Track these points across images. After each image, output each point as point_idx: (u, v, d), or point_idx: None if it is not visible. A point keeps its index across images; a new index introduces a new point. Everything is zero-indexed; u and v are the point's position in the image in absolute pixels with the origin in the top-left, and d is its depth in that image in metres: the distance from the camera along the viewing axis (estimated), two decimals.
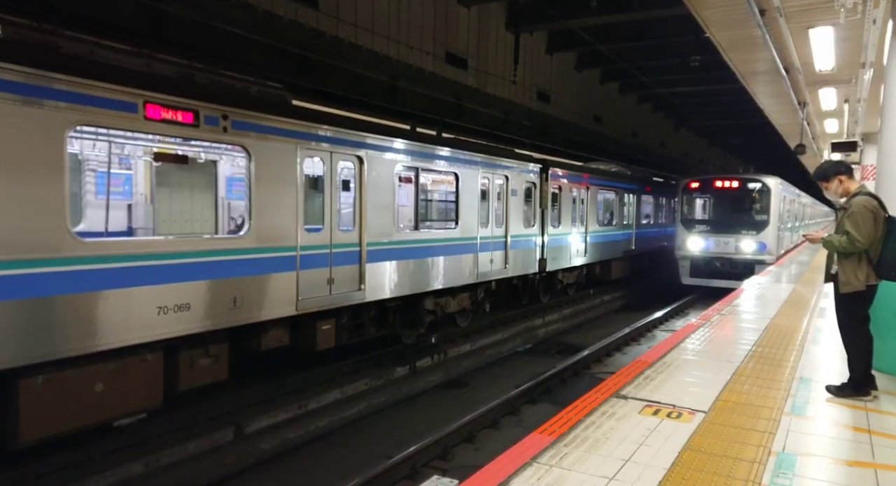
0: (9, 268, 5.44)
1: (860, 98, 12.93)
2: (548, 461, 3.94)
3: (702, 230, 19.40)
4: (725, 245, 18.90)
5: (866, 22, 8.14)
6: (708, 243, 19.21)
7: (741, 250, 18.74)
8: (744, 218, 19.15)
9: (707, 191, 19.95)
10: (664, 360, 6.53)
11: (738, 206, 19.50)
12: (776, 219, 18.75)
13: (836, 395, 5.43)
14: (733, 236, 18.88)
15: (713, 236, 19.14)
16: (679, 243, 19.78)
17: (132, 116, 6.39)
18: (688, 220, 19.93)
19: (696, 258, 19.38)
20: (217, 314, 7.22)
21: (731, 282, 17.53)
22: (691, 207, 20.39)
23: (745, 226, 18.92)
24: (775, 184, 19.00)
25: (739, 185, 19.33)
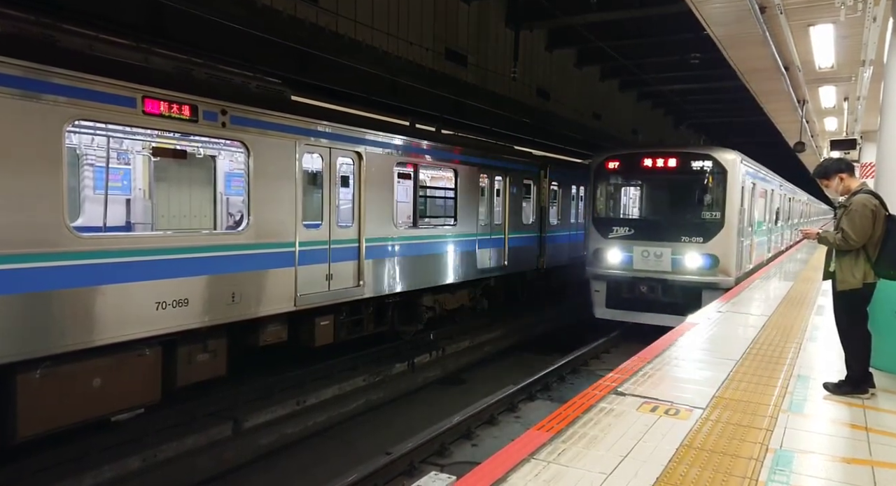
0: (5, 262, 5.42)
1: (860, 96, 12.93)
2: (545, 457, 3.94)
3: (623, 236, 12.55)
4: (657, 259, 12.02)
5: (866, 20, 8.13)
6: (631, 255, 12.38)
7: (681, 268, 11.94)
8: (685, 217, 12.37)
9: (631, 173, 13.36)
10: (662, 357, 6.53)
11: (678, 197, 12.97)
12: (735, 218, 11.96)
13: (834, 392, 5.43)
14: (669, 246, 11.96)
15: (639, 246, 12.22)
16: (590, 255, 12.97)
17: (130, 110, 6.38)
18: (602, 220, 13.04)
19: (615, 279, 12.59)
20: (215, 310, 7.21)
21: (665, 317, 11.68)
22: (608, 200, 13.59)
23: (688, 229, 12.00)
24: (734, 162, 12.02)
25: (678, 163, 12.28)
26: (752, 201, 13.93)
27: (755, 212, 14.69)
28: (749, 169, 13.38)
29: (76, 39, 6.25)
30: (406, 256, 10.48)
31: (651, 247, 12.15)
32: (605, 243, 12.69)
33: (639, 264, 12.29)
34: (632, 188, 14.17)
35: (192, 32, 10.68)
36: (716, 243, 11.88)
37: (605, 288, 12.83)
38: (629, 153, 13.23)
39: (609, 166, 13.12)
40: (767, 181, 16.85)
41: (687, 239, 11.98)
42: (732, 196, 11.94)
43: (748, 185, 13.26)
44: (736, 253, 12.09)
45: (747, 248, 13.78)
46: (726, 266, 11.88)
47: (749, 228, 13.84)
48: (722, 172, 11.96)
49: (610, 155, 13.27)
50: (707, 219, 12.18)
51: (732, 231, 11.96)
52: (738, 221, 12.17)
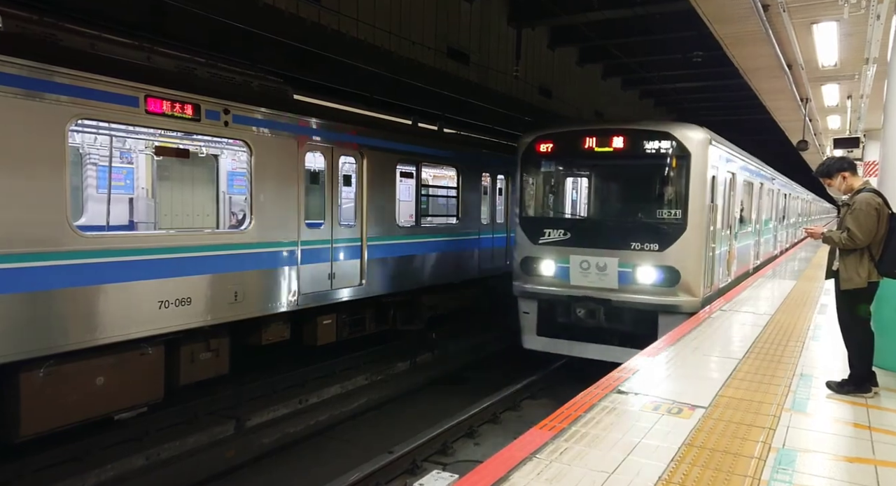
0: (8, 261, 5.44)
1: (863, 94, 12.88)
2: (548, 456, 3.94)
3: (557, 241, 9.62)
4: (600, 273, 9.17)
5: (870, 17, 8.10)
6: (568, 268, 9.42)
7: (631, 285, 9.08)
8: (636, 216, 9.72)
9: (568, 158, 10.38)
10: (665, 355, 6.52)
11: (627, 189, 10.60)
12: (701, 217, 8.99)
13: (837, 391, 5.42)
14: (615, 255, 9.13)
15: (577, 254, 9.34)
16: (517, 265, 10.04)
17: (133, 109, 6.39)
18: (531, 220, 10.13)
19: (549, 298, 9.69)
20: (218, 309, 7.23)
21: (611, 350, 9.17)
22: (539, 193, 10.61)
23: (640, 233, 9.14)
24: (700, 143, 9.00)
25: (627, 144, 9.23)
26: (730, 196, 11.01)
27: (736, 210, 11.71)
28: (725, 154, 10.27)
29: (78, 38, 6.26)
30: (408, 254, 10.48)
31: (592, 256, 9.11)
32: (534, 249, 9.62)
33: (577, 279, 9.21)
34: (570, 177, 11.25)
35: (194, 31, 10.69)
36: (676, 252, 8.78)
37: (535, 310, 9.73)
38: (565, 132, 9.88)
39: (540, 149, 9.83)
40: (754, 172, 13.95)
41: (638, 246, 8.93)
42: (698, 188, 8.84)
43: (724, 174, 10.22)
44: (703, 265, 9.04)
45: (722, 257, 10.76)
46: (689, 283, 8.79)
47: (726, 232, 10.86)
48: (684, 156, 8.84)
49: (541, 134, 9.90)
50: (664, 219, 9.05)
51: (698, 235, 8.87)
52: (708, 222, 9.11)
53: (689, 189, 8.88)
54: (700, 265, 9.03)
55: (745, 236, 13.10)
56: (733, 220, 11.49)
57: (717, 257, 10.23)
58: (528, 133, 10.16)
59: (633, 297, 9.03)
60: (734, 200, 11.48)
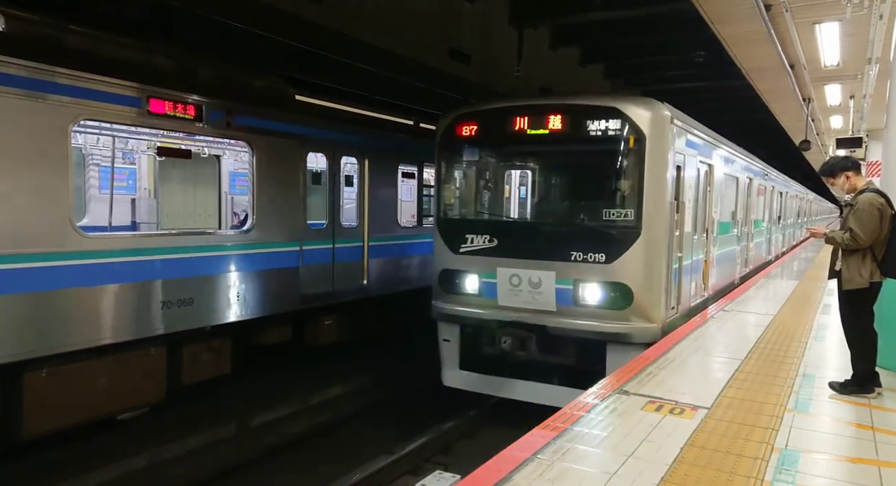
0: (11, 262, 5.45)
1: (865, 94, 12.88)
2: (550, 456, 3.93)
3: (481, 249, 7.74)
4: (534, 291, 7.40)
5: (873, 17, 8.10)
6: (495, 284, 7.59)
7: (571, 307, 7.31)
8: (578, 217, 8.01)
9: (495, 143, 8.35)
10: (666, 356, 6.51)
11: (566, 183, 8.97)
12: (661, 219, 7.22)
13: (840, 392, 5.41)
14: (551, 267, 7.34)
15: (506, 267, 7.53)
16: (435, 281, 8.17)
17: (136, 110, 6.40)
18: (451, 223, 8.23)
19: (472, 323, 7.85)
20: (220, 309, 7.23)
21: (548, 391, 7.36)
22: (460, 188, 8.62)
23: (581, 240, 7.36)
24: (658, 122, 7.21)
25: (566, 124, 7.41)
26: (706, 193, 9.35)
27: (714, 209, 9.81)
28: (697, 140, 8.38)
29: (80, 39, 6.28)
30: (410, 255, 10.47)
31: (523, 269, 7.27)
32: (455, 260, 7.69)
33: (506, 299, 7.38)
34: (497, 169, 8.84)
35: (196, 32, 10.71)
36: (627, 264, 7.00)
37: (457, 337, 7.85)
38: (490, 110, 7.93)
39: (461, 132, 7.85)
40: (741, 166, 12.16)
41: (580, 256, 7.10)
42: (656, 181, 7.01)
43: (695, 165, 8.38)
44: (665, 280, 7.25)
45: (695, 268, 8.87)
46: (645, 304, 7.04)
47: (700, 237, 9.10)
48: (637, 139, 7.01)
49: (463, 113, 7.95)
50: (613, 222, 7.15)
51: (657, 242, 7.08)
52: (670, 225, 7.32)
53: (645, 182, 6.96)
54: (660, 281, 7.16)
55: (727, 242, 11.27)
56: (711, 222, 9.65)
57: (687, 269, 8.29)
58: (447, 114, 8.11)
59: (574, 323, 7.12)
60: (712, 198, 9.63)
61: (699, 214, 9.01)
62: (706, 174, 9.35)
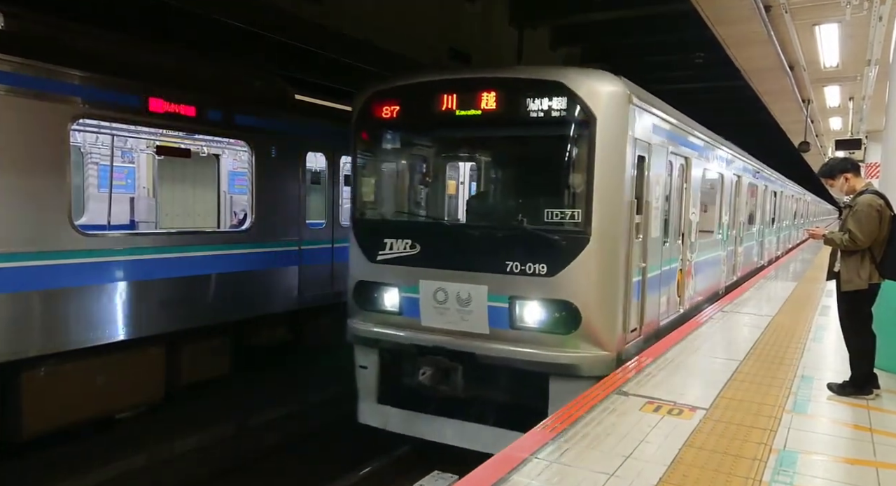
0: (8, 260, 5.45)
1: (865, 95, 12.90)
2: (548, 456, 3.94)
3: (401, 257, 6.37)
4: (462, 310, 6.08)
5: (872, 19, 8.12)
6: (417, 299, 6.28)
7: (507, 330, 5.99)
8: (515, 219, 6.53)
9: (418, 126, 6.91)
10: (665, 357, 6.52)
11: (503, 177, 7.87)
12: (615, 221, 5.89)
13: (838, 393, 5.42)
14: (483, 281, 6.00)
15: (430, 280, 6.19)
16: (350, 295, 6.82)
17: (135, 109, 6.40)
18: (367, 224, 6.81)
19: (395, 348, 6.50)
20: (219, 309, 7.23)
21: (478, 432, 6.14)
22: (377, 182, 7.26)
23: (520, 247, 5.96)
24: (612, 100, 5.80)
25: (500, 103, 5.99)
26: (680, 191, 8.08)
27: (692, 211, 8.61)
28: (663, 123, 7.02)
29: (80, 38, 6.28)
30: None
31: (450, 282, 6.06)
32: (372, 270, 6.45)
33: (430, 318, 6.17)
34: (420, 158, 7.43)
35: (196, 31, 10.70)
36: (573, 277, 5.76)
37: (376, 364, 6.59)
38: (412, 85, 6.47)
39: (379, 113, 6.47)
40: (727, 162, 10.78)
41: (517, 267, 5.86)
42: (610, 175, 5.78)
43: (666, 157, 7.18)
44: (622, 296, 6.03)
45: (667, 280, 7.55)
46: (595, 327, 5.83)
47: (674, 243, 7.87)
48: (584, 121, 5.72)
49: (379, 90, 6.54)
50: (555, 225, 5.87)
51: (611, 250, 5.87)
52: (629, 229, 6.07)
53: (595, 176, 5.67)
54: (614, 297, 5.92)
55: (710, 247, 10.03)
56: (688, 225, 8.41)
57: (654, 282, 6.99)
58: (363, 88, 6.66)
59: (509, 349, 5.83)
60: (690, 197, 8.36)
61: (672, 216, 7.74)
62: (681, 169, 8.04)
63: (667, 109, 7.30)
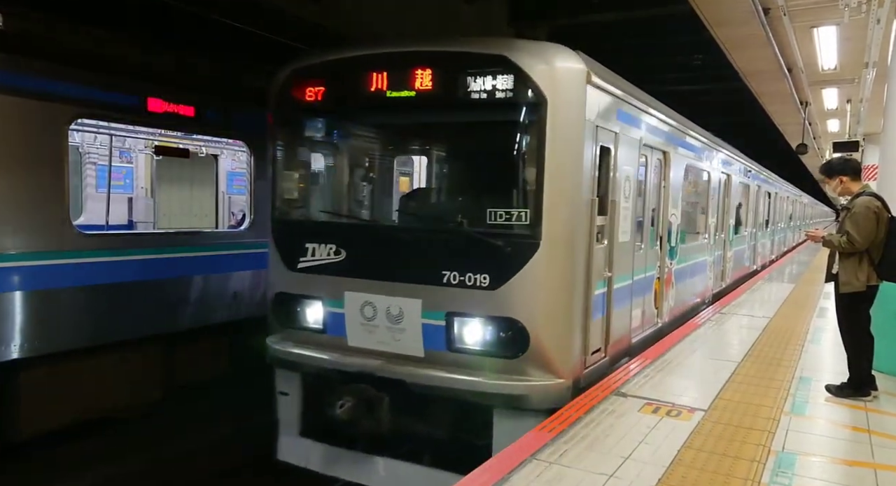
0: (7, 260, 5.44)
1: (862, 98, 12.93)
2: (547, 457, 3.94)
3: (325, 266, 5.45)
4: (393, 328, 5.20)
5: (870, 21, 8.14)
6: (342, 314, 5.39)
7: (444, 353, 5.09)
8: (453, 221, 5.52)
9: (344, 111, 5.86)
10: (663, 358, 6.52)
11: (440, 170, 7.19)
12: (571, 222, 4.99)
13: (836, 395, 5.43)
14: (416, 293, 5.11)
15: (356, 292, 5.30)
16: (270, 309, 5.93)
17: (134, 109, 6.39)
18: (287, 226, 5.88)
19: (317, 372, 5.52)
20: (217, 309, 7.22)
21: (411, 472, 5.23)
22: (299, 175, 6.19)
23: (459, 253, 5.05)
24: (566, 77, 4.90)
25: (436, 82, 5.04)
26: (658, 189, 7.35)
27: (672, 212, 7.80)
28: (634, 111, 6.22)
29: (79, 38, 6.27)
30: None
31: (379, 295, 5.23)
32: (293, 280, 5.63)
33: (357, 337, 5.35)
34: (346, 148, 6.56)
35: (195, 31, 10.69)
36: (519, 290, 4.92)
37: (298, 391, 5.74)
38: (337, 61, 5.56)
39: (300, 95, 5.57)
40: (712, 158, 9.93)
41: (455, 277, 5.02)
42: (564, 168, 4.95)
43: (633, 148, 6.25)
44: (579, 312, 5.18)
45: (636, 291, 6.61)
46: (546, 350, 4.95)
47: (646, 249, 6.86)
48: (533, 104, 4.88)
49: (301, 67, 5.70)
50: (500, 227, 4.98)
51: (565, 257, 5.01)
52: (589, 232, 5.29)
53: (546, 169, 4.81)
54: (569, 314, 5.03)
55: (694, 252, 9.29)
56: (665, 228, 7.56)
57: (624, 293, 6.17)
58: (285, 66, 5.74)
59: (446, 377, 4.95)
60: (669, 196, 7.57)
61: (648, 217, 6.98)
62: (659, 164, 7.26)
63: (639, 95, 6.48)
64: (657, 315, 7.55)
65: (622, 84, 5.97)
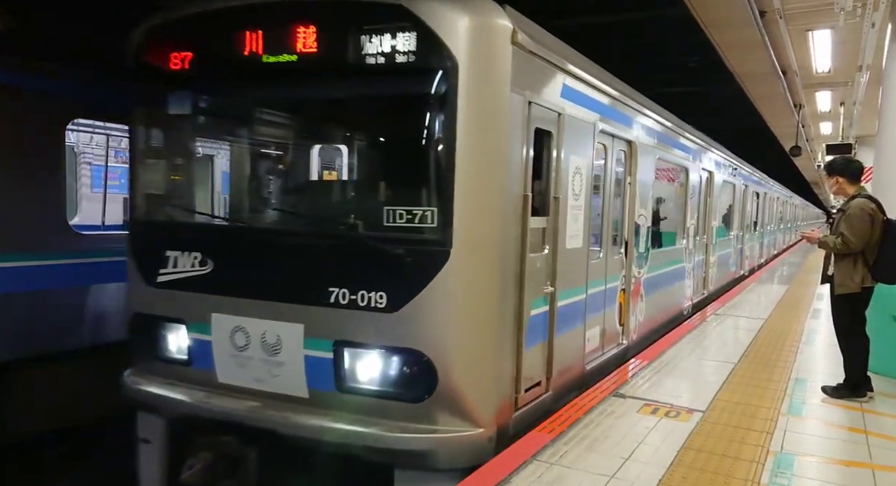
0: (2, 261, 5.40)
1: (856, 101, 13.04)
2: (548, 458, 3.95)
3: (188, 280, 4.32)
4: (269, 361, 4.08)
5: (865, 25, 8.21)
6: (210, 344, 4.26)
7: (335, 394, 3.97)
8: (343, 223, 4.28)
9: (209, 82, 4.53)
10: (661, 359, 6.55)
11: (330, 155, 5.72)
12: (490, 220, 3.88)
13: (832, 396, 5.46)
14: (296, 316, 4.00)
15: (224, 315, 4.19)
16: (130, 330, 4.74)
17: None
18: (145, 229, 4.68)
19: (183, 417, 4.30)
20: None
21: None
22: (158, 165, 4.90)
23: (349, 265, 3.95)
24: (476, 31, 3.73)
25: (322, 42, 3.91)
26: (622, 186, 6.47)
27: (640, 212, 6.84)
28: (580, 86, 5.09)
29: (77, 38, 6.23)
30: None
31: (252, 318, 4.16)
32: (152, 297, 4.54)
33: (228, 372, 4.29)
34: (212, 129, 5.72)
35: None
36: (424, 312, 3.81)
37: (162, 438, 4.52)
38: (200, 15, 4.42)
39: (162, 61, 4.39)
40: (691, 151, 9.07)
41: (345, 296, 3.91)
42: (481, 154, 3.83)
43: (584, 134, 5.25)
44: (508, 341, 4.15)
45: (592, 307, 5.58)
46: (460, 390, 3.85)
47: (605, 255, 5.93)
48: (440, 69, 3.73)
49: (158, 23, 4.54)
50: (401, 230, 3.85)
51: (487, 271, 3.94)
52: (518, 238, 4.19)
53: (458, 156, 3.74)
54: (491, 342, 3.98)
55: (669, 258, 8.32)
56: (632, 231, 6.59)
57: (573, 311, 5.17)
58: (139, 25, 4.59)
59: (332, 427, 3.90)
60: (636, 194, 6.60)
61: (609, 219, 6.02)
62: (623, 156, 6.32)
63: (595, 72, 5.40)
64: (622, 334, 6.52)
65: (569, 54, 4.90)
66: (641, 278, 7.01)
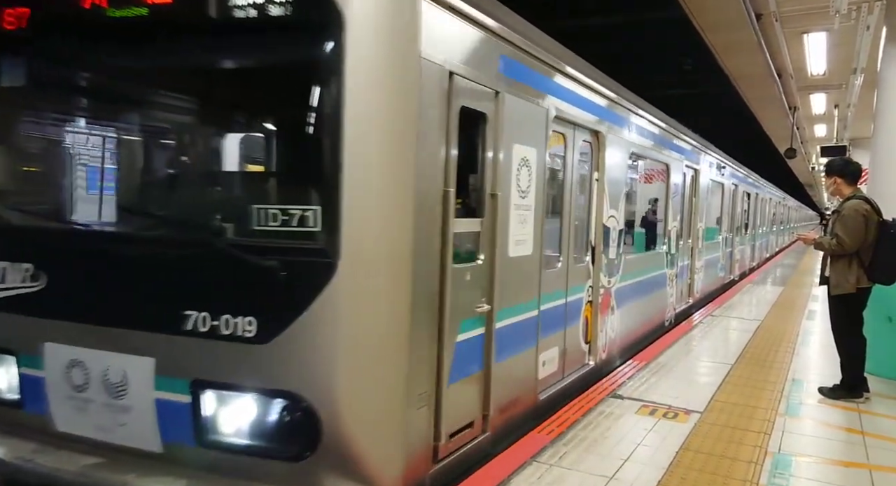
0: None
1: (850, 103, 13.11)
2: (547, 459, 3.95)
3: (16, 300, 3.34)
4: (113, 404, 3.12)
5: (860, 28, 8.26)
6: (43, 383, 3.28)
7: (192, 448, 3.04)
8: (207, 222, 3.22)
9: (48, 43, 3.43)
10: (658, 361, 6.57)
11: (190, 139, 4.15)
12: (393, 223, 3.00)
13: (829, 397, 5.49)
14: (144, 349, 3.06)
15: (59, 346, 3.22)
16: None
17: None
18: None
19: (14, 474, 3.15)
20: None
21: None
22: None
23: (213, 280, 3.03)
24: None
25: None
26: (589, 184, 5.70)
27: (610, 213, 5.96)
28: (526, 58, 4.23)
29: None
30: None
31: (91, 350, 3.20)
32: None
33: (65, 419, 3.28)
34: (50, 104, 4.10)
35: None
36: (303, 344, 2.90)
37: None
38: None
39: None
40: (671, 147, 8.19)
41: (205, 322, 2.98)
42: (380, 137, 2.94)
43: (526, 114, 4.24)
44: (420, 377, 3.26)
45: (542, 329, 4.70)
46: (352, 444, 2.92)
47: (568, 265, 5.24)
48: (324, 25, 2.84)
49: None
50: (274, 235, 2.95)
51: (390, 289, 3.03)
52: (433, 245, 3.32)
53: (346, 137, 2.84)
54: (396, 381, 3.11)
55: (646, 264, 7.56)
56: (600, 235, 5.75)
57: (523, 332, 4.43)
58: None
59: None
60: (604, 192, 5.74)
61: (569, 221, 5.19)
62: (588, 149, 5.57)
63: (548, 45, 4.66)
64: (588, 353, 5.75)
65: (514, 21, 4.13)
66: (612, 287, 6.18)
